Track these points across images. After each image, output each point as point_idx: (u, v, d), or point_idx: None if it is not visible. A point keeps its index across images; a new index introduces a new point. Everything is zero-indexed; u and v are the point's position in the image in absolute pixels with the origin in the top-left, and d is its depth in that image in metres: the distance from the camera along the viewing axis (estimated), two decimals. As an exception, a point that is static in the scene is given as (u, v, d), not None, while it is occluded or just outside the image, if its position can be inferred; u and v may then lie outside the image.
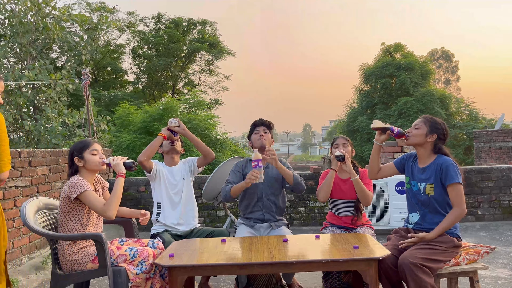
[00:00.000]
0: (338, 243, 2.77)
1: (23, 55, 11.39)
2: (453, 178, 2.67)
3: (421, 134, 2.80)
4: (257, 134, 3.45)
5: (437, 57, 49.39)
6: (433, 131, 2.79)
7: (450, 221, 2.66)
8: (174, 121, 3.40)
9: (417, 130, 2.82)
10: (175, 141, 3.52)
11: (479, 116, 20.47)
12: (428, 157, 2.82)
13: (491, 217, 6.22)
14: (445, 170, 2.69)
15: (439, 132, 2.80)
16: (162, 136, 3.38)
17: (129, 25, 21.55)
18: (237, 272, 2.52)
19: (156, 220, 3.48)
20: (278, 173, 3.47)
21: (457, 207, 2.67)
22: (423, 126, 2.81)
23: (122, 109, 12.23)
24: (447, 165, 2.70)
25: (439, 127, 2.81)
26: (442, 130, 2.81)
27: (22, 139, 10.52)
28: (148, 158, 3.35)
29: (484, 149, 13.51)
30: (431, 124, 2.81)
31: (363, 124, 20.20)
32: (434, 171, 2.75)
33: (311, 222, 6.32)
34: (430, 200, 2.75)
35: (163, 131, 3.39)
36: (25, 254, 4.22)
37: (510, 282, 3.68)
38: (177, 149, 3.56)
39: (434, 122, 2.82)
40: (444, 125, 2.85)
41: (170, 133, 3.41)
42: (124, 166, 2.82)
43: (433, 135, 2.79)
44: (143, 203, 6.31)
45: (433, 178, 2.74)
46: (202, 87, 23.32)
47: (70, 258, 2.64)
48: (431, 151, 2.82)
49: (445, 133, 2.83)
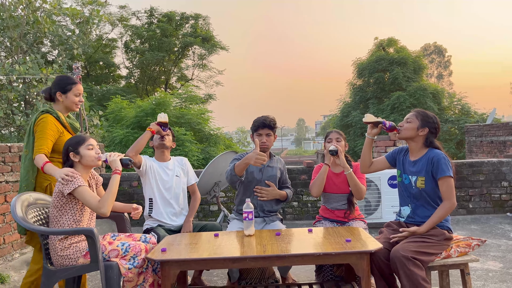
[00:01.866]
0: (330, 236, 2.78)
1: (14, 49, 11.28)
2: (444, 172, 2.68)
3: (412, 128, 2.81)
4: (260, 136, 3.38)
5: (430, 52, 49.52)
6: (424, 124, 2.80)
7: (440, 215, 2.68)
8: (162, 116, 3.34)
9: (409, 123, 2.83)
10: (164, 136, 3.44)
11: (471, 110, 20.57)
12: (420, 150, 2.83)
13: (482, 211, 6.28)
14: (436, 163, 2.71)
15: (431, 126, 2.81)
16: (151, 130, 3.30)
17: (121, 19, 21.37)
18: (229, 265, 2.52)
19: (148, 215, 3.45)
20: (275, 173, 3.47)
21: (447, 200, 2.69)
22: (414, 120, 2.82)
23: (115, 103, 12.16)
24: (438, 158, 2.72)
25: (431, 121, 2.82)
26: (434, 123, 2.83)
27: (14, 134, 10.43)
28: (136, 153, 3.27)
29: (476, 143, 13.61)
30: (422, 118, 2.82)
31: (357, 118, 20.24)
32: (425, 164, 2.76)
33: (304, 216, 6.34)
34: (421, 193, 2.77)
35: (152, 126, 3.32)
36: (17, 250, 4.19)
37: (501, 275, 3.72)
38: (167, 144, 3.46)
39: (425, 116, 2.83)
40: (436, 119, 2.86)
41: (159, 128, 3.34)
42: (121, 163, 2.79)
43: (424, 129, 2.80)
44: (136, 198, 6.29)
45: (424, 171, 2.75)
46: (195, 81, 23.26)
47: (62, 253, 2.62)
48: (423, 145, 2.83)
49: (437, 127, 2.84)
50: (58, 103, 3.09)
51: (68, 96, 3.08)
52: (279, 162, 3.59)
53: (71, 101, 3.09)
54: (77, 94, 3.10)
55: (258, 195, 3.38)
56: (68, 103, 3.09)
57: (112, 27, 21.38)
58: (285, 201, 3.54)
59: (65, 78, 3.16)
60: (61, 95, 3.07)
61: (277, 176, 3.49)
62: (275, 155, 3.63)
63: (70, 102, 3.09)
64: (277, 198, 3.47)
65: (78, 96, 3.12)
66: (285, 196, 3.49)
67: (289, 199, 3.55)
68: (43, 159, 2.82)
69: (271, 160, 3.52)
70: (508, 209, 6.26)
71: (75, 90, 3.09)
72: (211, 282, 3.72)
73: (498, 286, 3.47)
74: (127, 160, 2.83)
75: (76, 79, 3.16)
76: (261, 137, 3.37)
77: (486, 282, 3.57)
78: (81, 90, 3.15)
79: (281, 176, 3.57)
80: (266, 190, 3.39)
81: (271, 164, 3.50)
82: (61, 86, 3.07)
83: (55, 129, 2.96)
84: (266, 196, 3.39)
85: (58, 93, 3.07)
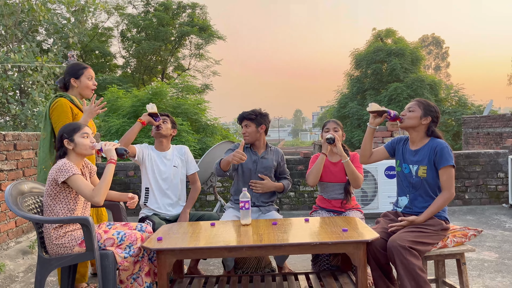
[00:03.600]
0: (327, 226, 2.77)
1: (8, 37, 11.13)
2: (447, 161, 2.68)
3: (415, 117, 2.79)
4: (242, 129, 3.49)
5: (428, 43, 49.40)
6: (427, 113, 2.79)
7: (439, 205, 2.67)
8: (150, 106, 3.28)
9: (412, 112, 2.81)
10: (160, 125, 3.39)
11: (468, 102, 20.59)
12: (421, 139, 2.82)
13: (478, 201, 6.31)
14: (439, 153, 2.70)
15: (433, 115, 2.80)
16: (141, 122, 3.26)
17: (117, 8, 21.13)
18: (225, 255, 2.51)
19: (144, 204, 3.43)
20: (269, 164, 3.48)
21: (446, 190, 2.69)
22: (417, 109, 2.80)
23: (111, 93, 12.08)
24: (442, 147, 2.71)
25: (433, 110, 2.81)
26: (436, 113, 2.82)
27: (9, 123, 10.34)
28: (126, 144, 3.23)
29: (472, 134, 13.64)
30: (425, 107, 2.80)
31: (354, 109, 20.24)
32: (427, 153, 2.75)
33: (301, 206, 6.34)
34: (422, 183, 2.76)
35: (143, 117, 3.28)
36: (12, 238, 4.17)
37: (497, 265, 3.74)
38: (163, 133, 3.41)
39: (428, 105, 2.82)
40: (437, 108, 2.86)
41: (150, 118, 3.29)
42: (116, 152, 2.77)
43: (427, 118, 2.79)
44: (132, 187, 6.27)
45: (427, 160, 2.74)
46: (192, 71, 23.08)
47: (57, 241, 2.60)
48: (425, 134, 2.82)
49: (438, 116, 2.84)
50: (73, 89, 3.24)
51: (82, 80, 3.23)
52: (275, 153, 3.57)
53: (85, 85, 3.23)
54: (89, 77, 3.25)
55: (253, 189, 3.40)
56: (82, 87, 3.24)
57: (108, 16, 21.12)
58: (282, 192, 3.54)
59: (76, 64, 3.30)
60: (75, 81, 3.22)
61: (272, 167, 3.49)
62: (272, 146, 3.61)
63: (84, 86, 3.24)
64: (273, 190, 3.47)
65: (91, 79, 3.27)
66: (281, 187, 3.48)
67: (286, 190, 3.54)
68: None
69: (266, 151, 3.51)
70: (504, 200, 6.29)
71: (87, 73, 3.24)
72: (207, 271, 3.72)
73: (493, 276, 3.49)
74: (122, 149, 2.80)
75: (86, 64, 3.31)
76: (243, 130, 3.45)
77: (481, 272, 3.58)
78: (92, 73, 3.29)
79: (278, 167, 3.56)
80: (261, 183, 3.39)
81: (266, 155, 3.49)
82: (74, 72, 3.22)
83: (69, 111, 3.10)
84: (261, 189, 3.39)
85: (72, 80, 3.22)
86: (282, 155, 3.63)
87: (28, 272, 3.85)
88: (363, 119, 19.65)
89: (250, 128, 3.43)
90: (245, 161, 3.38)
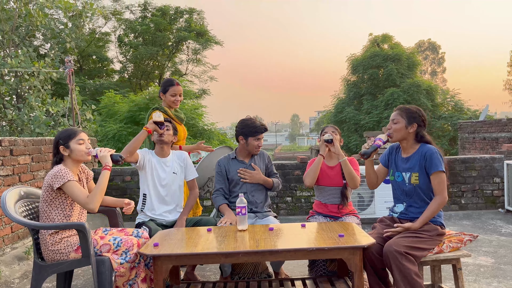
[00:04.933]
0: (323, 231, 2.78)
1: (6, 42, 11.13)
2: (437, 166, 2.68)
3: (401, 128, 2.79)
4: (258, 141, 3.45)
5: (424, 49, 49.67)
6: (411, 121, 2.78)
7: (433, 210, 2.68)
8: (158, 115, 3.32)
9: (396, 124, 2.80)
10: (163, 133, 3.40)
11: (464, 107, 20.66)
12: (412, 146, 2.83)
13: (474, 206, 6.32)
14: (429, 159, 2.71)
15: (418, 120, 2.79)
16: (147, 130, 3.28)
17: (114, 13, 21.16)
18: (222, 260, 2.50)
19: (141, 211, 3.42)
20: (261, 165, 3.51)
21: (439, 195, 2.69)
22: (401, 119, 2.80)
23: (108, 98, 12.09)
24: (431, 153, 2.72)
25: (416, 116, 2.80)
26: (420, 117, 2.81)
27: (5, 128, 10.30)
28: (131, 154, 3.24)
29: (469, 139, 13.69)
30: (407, 115, 2.79)
31: (351, 114, 20.28)
32: (418, 159, 2.76)
33: (298, 212, 6.34)
34: (415, 189, 2.77)
35: (149, 125, 3.30)
36: (8, 244, 4.15)
37: (492, 270, 3.75)
38: (166, 140, 3.42)
39: (410, 112, 2.81)
40: (420, 111, 2.85)
41: (155, 126, 3.31)
42: (111, 159, 2.76)
43: (413, 125, 2.78)
44: (128, 192, 6.26)
45: (418, 167, 2.75)
46: (189, 76, 23.12)
47: (53, 248, 2.59)
48: (414, 141, 2.83)
49: (424, 119, 2.83)
50: (164, 100, 3.77)
51: (166, 96, 3.72)
52: (261, 157, 3.60)
53: (169, 100, 3.73)
54: (172, 94, 3.71)
55: (241, 177, 3.41)
56: (167, 101, 3.74)
57: (106, 21, 21.16)
58: (271, 189, 3.54)
59: (167, 80, 3.79)
60: (163, 95, 3.75)
61: (263, 170, 3.54)
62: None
63: (168, 101, 3.74)
64: (263, 186, 3.48)
65: (174, 96, 3.72)
66: (271, 183, 3.49)
67: (275, 188, 3.54)
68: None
69: (252, 158, 3.52)
70: (500, 205, 6.31)
71: (171, 91, 3.71)
72: (204, 277, 3.71)
73: (489, 281, 3.49)
74: (118, 156, 2.80)
75: (175, 81, 3.75)
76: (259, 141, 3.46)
77: (477, 277, 3.59)
78: (177, 91, 3.72)
79: (267, 169, 3.59)
80: (250, 172, 3.41)
81: (253, 161, 3.51)
82: (163, 87, 3.75)
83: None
84: (249, 179, 3.40)
85: (161, 93, 3.78)
86: (268, 156, 3.66)
87: (24, 278, 3.83)
88: (360, 124, 19.70)
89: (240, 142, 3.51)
90: (234, 173, 3.43)
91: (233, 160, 3.50)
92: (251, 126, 3.43)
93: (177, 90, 3.73)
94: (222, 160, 3.54)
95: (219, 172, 3.47)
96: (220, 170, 3.49)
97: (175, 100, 3.73)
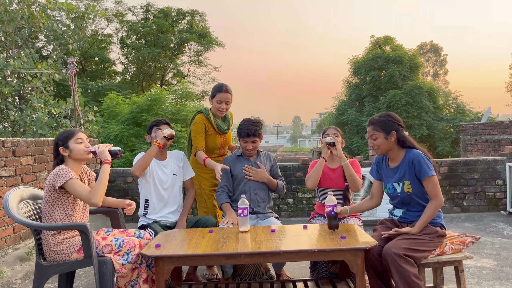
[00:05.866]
0: (325, 233, 2.78)
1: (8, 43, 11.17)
2: (426, 172, 2.67)
3: (382, 141, 2.77)
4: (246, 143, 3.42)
5: (426, 51, 49.61)
6: (388, 130, 2.75)
7: (430, 214, 2.67)
8: (168, 131, 3.35)
9: (376, 140, 2.78)
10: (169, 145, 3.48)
11: (466, 109, 20.61)
12: (398, 154, 2.81)
13: (476, 209, 6.31)
14: (417, 166, 2.69)
15: (394, 127, 2.76)
16: (158, 145, 3.30)
17: (117, 15, 21.22)
18: (223, 262, 2.50)
19: (143, 215, 3.43)
20: (266, 166, 3.49)
21: (434, 198, 2.69)
22: (378, 133, 2.77)
23: (110, 99, 12.09)
24: (418, 159, 2.69)
25: (390, 123, 2.77)
26: (394, 122, 2.78)
27: (8, 129, 10.33)
28: (143, 169, 3.26)
29: (471, 141, 13.67)
30: (382, 126, 2.77)
31: (352, 116, 20.25)
32: (406, 167, 2.74)
33: (299, 213, 6.34)
34: (411, 197, 2.76)
35: (159, 140, 3.31)
36: (10, 245, 4.16)
37: (495, 272, 3.74)
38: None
39: (382, 123, 2.78)
40: (392, 115, 2.82)
41: (165, 141, 3.36)
42: (109, 153, 2.78)
43: (391, 134, 2.76)
44: (130, 194, 6.27)
45: (408, 175, 2.74)
46: (191, 78, 23.15)
47: (55, 248, 2.60)
48: (398, 147, 2.80)
49: (399, 122, 2.81)
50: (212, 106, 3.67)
51: (213, 102, 3.62)
52: (267, 158, 3.59)
53: (214, 106, 3.62)
54: (218, 101, 3.58)
55: (246, 173, 3.39)
56: (213, 108, 3.64)
57: (108, 23, 21.22)
58: (276, 191, 3.52)
59: (216, 85, 3.68)
60: (210, 100, 3.66)
61: (267, 171, 3.51)
62: (263, 151, 3.63)
63: (214, 108, 3.63)
64: (266, 186, 3.46)
65: (220, 103, 3.58)
66: (275, 184, 3.47)
67: (280, 189, 3.51)
68: (202, 156, 3.47)
69: (258, 157, 3.52)
70: (502, 207, 6.29)
71: (217, 97, 3.58)
72: (205, 278, 3.71)
73: (492, 283, 3.48)
74: (116, 150, 2.83)
75: (224, 88, 3.59)
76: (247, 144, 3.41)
77: (480, 279, 3.58)
78: (223, 98, 3.57)
79: (271, 171, 3.57)
80: (255, 170, 3.39)
81: (258, 161, 3.50)
82: (212, 92, 3.64)
83: (202, 127, 3.58)
84: (254, 176, 3.38)
85: (209, 98, 3.69)
86: (274, 158, 3.65)
87: (26, 279, 3.83)
88: (362, 126, 19.67)
89: (257, 143, 3.46)
90: (239, 170, 3.40)
91: (238, 157, 3.51)
92: (240, 128, 3.43)
93: (223, 97, 3.56)
94: (228, 158, 3.56)
95: (224, 169, 3.45)
96: (225, 170, 3.47)
97: (220, 108, 3.58)
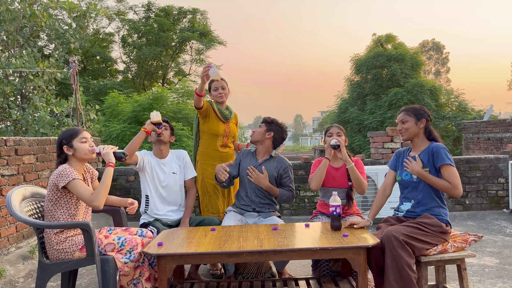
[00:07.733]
0: (327, 231, 2.77)
1: (10, 42, 11.19)
2: (444, 159, 2.71)
3: (412, 125, 2.86)
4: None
5: (428, 49, 49.50)
6: (419, 117, 2.87)
7: (438, 181, 2.70)
8: (155, 114, 3.31)
9: (407, 123, 2.87)
10: (161, 133, 3.40)
11: (468, 107, 20.57)
12: (422, 143, 2.89)
13: (478, 207, 6.30)
14: (436, 153, 2.75)
15: (425, 116, 2.88)
16: (145, 131, 3.28)
17: (118, 13, 21.23)
18: (226, 260, 2.51)
19: (144, 212, 3.43)
20: (272, 171, 3.40)
21: (453, 185, 2.67)
22: (409, 118, 2.87)
23: (112, 98, 12.12)
24: (438, 148, 2.77)
25: (422, 112, 2.89)
26: (426, 112, 2.90)
27: (10, 128, 10.36)
28: (130, 156, 3.23)
29: (473, 140, 13.64)
30: (414, 113, 2.88)
31: (354, 114, 20.23)
32: (426, 156, 2.81)
33: (301, 212, 6.34)
34: (425, 184, 2.77)
35: (146, 126, 3.30)
36: (12, 244, 4.17)
37: (497, 270, 3.73)
38: (164, 140, 3.43)
39: (415, 109, 2.90)
40: (424, 108, 2.94)
41: (154, 127, 3.32)
42: (114, 156, 2.77)
43: (422, 121, 2.86)
44: (132, 192, 6.27)
45: (427, 162, 2.79)
46: (192, 76, 23.14)
47: (57, 247, 2.60)
48: (424, 136, 2.88)
49: (429, 114, 2.92)
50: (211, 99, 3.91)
51: (211, 93, 3.89)
52: (279, 163, 3.45)
53: (213, 95, 3.86)
54: (214, 89, 3.83)
55: (248, 173, 3.37)
56: (213, 97, 3.88)
57: (109, 21, 21.25)
58: (278, 199, 3.44)
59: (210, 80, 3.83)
60: (210, 94, 3.95)
61: (272, 177, 3.40)
62: (278, 156, 3.51)
63: (213, 96, 3.87)
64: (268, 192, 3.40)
65: (216, 90, 3.82)
66: (276, 193, 3.38)
67: (282, 200, 3.42)
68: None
69: (267, 160, 3.46)
70: (504, 205, 6.28)
71: (213, 86, 3.85)
72: (207, 277, 3.71)
73: (494, 281, 3.48)
74: (121, 153, 2.81)
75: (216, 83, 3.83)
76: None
77: (482, 277, 3.58)
78: (217, 84, 3.81)
79: (279, 177, 3.43)
80: (257, 174, 3.33)
81: (265, 163, 3.44)
82: (208, 87, 3.92)
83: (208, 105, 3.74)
84: (254, 180, 3.32)
85: (208, 94, 4.01)
86: (286, 167, 3.45)
87: (29, 277, 3.85)
88: (363, 124, 19.65)
89: (260, 129, 3.48)
90: (245, 167, 3.39)
91: (250, 153, 3.52)
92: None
93: (218, 84, 3.78)
94: (244, 151, 3.61)
95: (236, 159, 3.56)
96: (238, 158, 3.56)
97: (218, 94, 3.80)
